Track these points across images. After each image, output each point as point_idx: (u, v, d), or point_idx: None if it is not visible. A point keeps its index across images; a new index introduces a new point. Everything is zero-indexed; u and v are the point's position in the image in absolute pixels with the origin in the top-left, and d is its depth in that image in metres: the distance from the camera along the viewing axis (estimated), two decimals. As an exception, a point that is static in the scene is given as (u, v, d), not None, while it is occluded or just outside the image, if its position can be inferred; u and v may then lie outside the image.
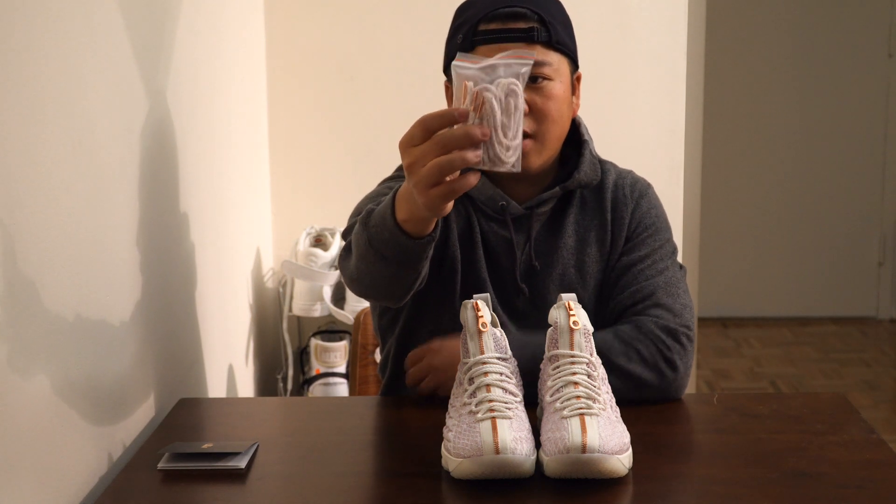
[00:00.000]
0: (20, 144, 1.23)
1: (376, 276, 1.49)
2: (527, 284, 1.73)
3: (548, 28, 1.62)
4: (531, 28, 1.61)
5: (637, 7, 2.96)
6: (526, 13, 1.61)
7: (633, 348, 1.63)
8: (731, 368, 4.66)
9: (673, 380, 1.65)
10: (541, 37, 1.61)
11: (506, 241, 1.73)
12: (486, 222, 1.73)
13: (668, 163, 3.00)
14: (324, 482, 1.41)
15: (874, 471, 1.39)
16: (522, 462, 1.32)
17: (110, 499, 1.37)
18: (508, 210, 1.71)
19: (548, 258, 1.73)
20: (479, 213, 1.73)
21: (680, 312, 1.68)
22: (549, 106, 1.63)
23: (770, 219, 5.36)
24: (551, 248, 1.74)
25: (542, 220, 1.74)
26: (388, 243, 1.42)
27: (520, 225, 1.73)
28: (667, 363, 1.64)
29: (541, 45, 1.62)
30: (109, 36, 1.56)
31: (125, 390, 1.60)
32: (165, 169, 1.83)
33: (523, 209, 1.71)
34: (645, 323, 1.65)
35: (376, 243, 1.43)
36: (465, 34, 1.63)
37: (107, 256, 1.52)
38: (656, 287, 1.69)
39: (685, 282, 1.74)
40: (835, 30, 5.21)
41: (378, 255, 1.44)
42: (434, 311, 1.73)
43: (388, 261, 1.44)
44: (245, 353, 2.65)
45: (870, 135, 5.29)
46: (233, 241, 2.50)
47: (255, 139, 2.89)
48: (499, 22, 1.62)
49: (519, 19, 1.61)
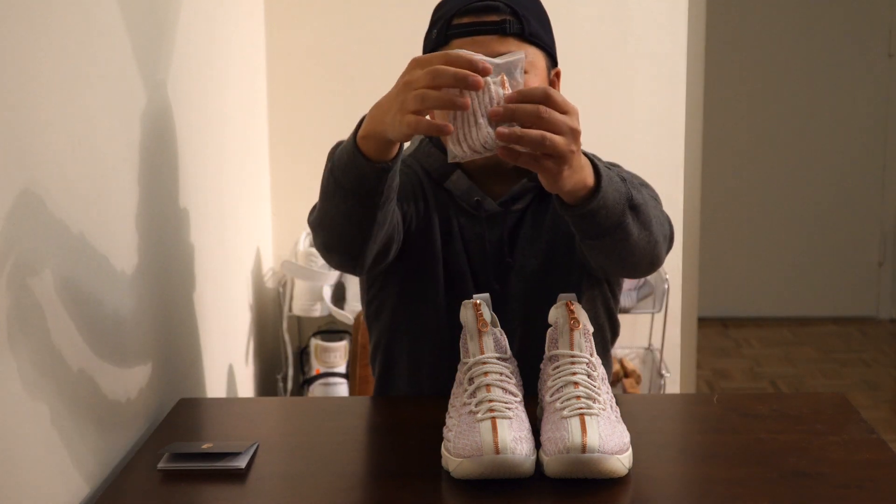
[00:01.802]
0: (20, 144, 1.23)
1: (335, 215, 1.48)
2: (499, 281, 1.72)
3: (521, 21, 1.61)
4: (503, 20, 1.61)
5: (637, 7, 2.96)
6: (499, 6, 1.62)
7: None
8: (731, 368, 4.66)
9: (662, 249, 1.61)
10: (513, 29, 1.61)
11: (479, 236, 1.73)
12: (463, 218, 1.73)
13: (668, 163, 3.00)
14: (324, 482, 1.41)
15: (874, 471, 1.39)
16: (522, 462, 1.32)
17: (110, 499, 1.37)
18: (483, 206, 1.71)
19: (524, 255, 1.73)
20: (456, 208, 1.73)
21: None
22: None
23: (770, 219, 5.36)
24: (528, 244, 1.73)
25: (518, 217, 1.73)
26: (346, 168, 1.42)
27: (495, 221, 1.73)
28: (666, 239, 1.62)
29: (514, 38, 1.61)
30: (109, 35, 1.56)
31: (125, 390, 1.60)
32: (165, 169, 1.83)
33: (498, 205, 1.72)
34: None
35: (337, 171, 1.44)
36: (440, 29, 1.64)
37: (106, 256, 1.52)
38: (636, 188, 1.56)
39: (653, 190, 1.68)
40: (835, 30, 5.22)
41: (337, 184, 1.44)
42: (417, 302, 1.73)
43: (346, 191, 1.44)
44: (245, 353, 2.65)
45: (870, 135, 5.29)
46: (233, 241, 2.50)
47: (255, 139, 2.89)
48: (472, 15, 1.62)
49: (492, 12, 1.62)
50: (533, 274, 1.72)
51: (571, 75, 2.96)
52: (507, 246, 1.73)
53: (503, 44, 1.60)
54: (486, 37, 1.61)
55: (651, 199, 1.60)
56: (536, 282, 1.72)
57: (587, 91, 2.97)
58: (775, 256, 5.36)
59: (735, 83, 5.22)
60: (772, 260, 5.38)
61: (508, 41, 1.61)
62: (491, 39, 1.61)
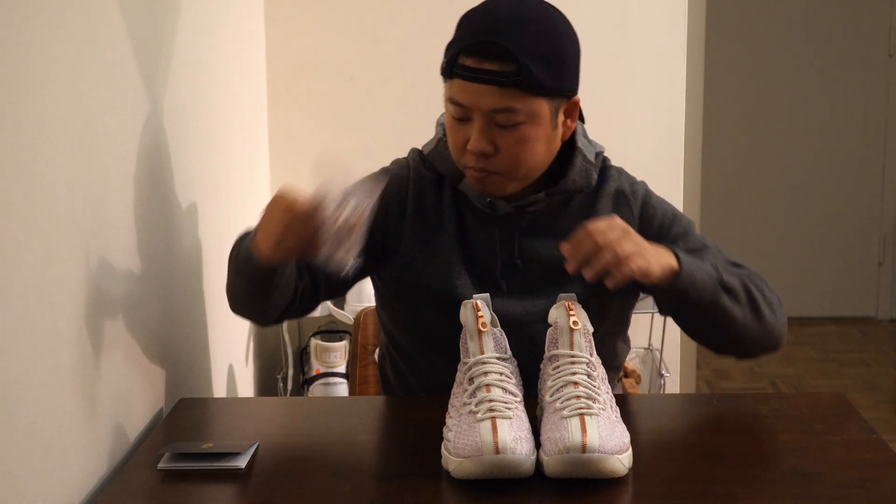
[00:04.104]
0: (21, 145, 1.23)
1: (237, 290, 1.70)
2: (506, 281, 1.72)
3: (522, 73, 1.56)
4: (503, 72, 1.56)
5: (637, 7, 2.96)
6: (503, 53, 1.56)
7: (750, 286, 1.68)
8: (731, 368, 4.66)
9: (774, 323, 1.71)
10: (512, 82, 1.57)
11: (489, 236, 1.72)
12: (476, 218, 1.73)
13: (668, 163, 3.00)
14: (324, 482, 1.41)
15: (874, 471, 1.39)
16: (522, 462, 1.32)
17: (110, 499, 1.37)
18: (496, 207, 1.71)
19: (533, 258, 1.72)
20: (470, 209, 1.73)
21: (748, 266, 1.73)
22: (518, 149, 1.62)
23: (770, 219, 5.36)
24: (539, 248, 1.72)
25: (531, 220, 1.73)
26: (244, 260, 1.62)
27: (507, 222, 1.72)
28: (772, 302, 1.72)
29: (514, 89, 1.58)
30: (109, 35, 1.56)
31: (125, 390, 1.60)
32: (166, 169, 1.83)
33: (512, 207, 1.71)
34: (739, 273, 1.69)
35: (239, 260, 1.65)
36: (449, 61, 1.62)
37: (107, 256, 1.52)
38: (715, 258, 1.71)
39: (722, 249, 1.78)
40: (835, 30, 5.22)
41: (238, 270, 1.66)
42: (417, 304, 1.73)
43: (243, 276, 1.65)
44: (245, 353, 2.65)
45: (870, 135, 5.29)
46: (233, 240, 2.50)
47: (255, 139, 2.89)
48: (476, 58, 1.58)
49: (495, 59, 1.57)
50: (539, 276, 1.71)
51: (571, 75, 2.97)
52: (518, 246, 1.72)
53: (500, 99, 1.58)
54: (484, 86, 1.58)
55: (761, 282, 1.70)
56: (542, 284, 1.71)
57: (587, 91, 2.95)
58: (775, 256, 5.36)
59: (735, 83, 5.22)
60: (771, 260, 5.37)
61: (506, 93, 1.58)
62: (489, 90, 1.58)
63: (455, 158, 1.68)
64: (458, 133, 1.64)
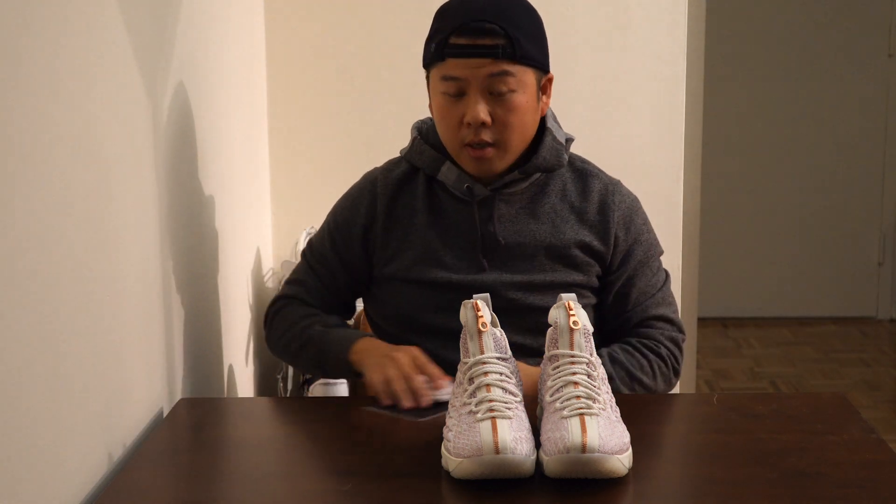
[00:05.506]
0: (21, 144, 1.23)
1: (299, 364, 1.92)
2: (488, 259, 1.81)
3: (513, 44, 1.71)
4: (496, 45, 1.70)
5: (637, 7, 2.96)
6: (494, 28, 1.70)
7: (650, 365, 1.81)
8: (731, 368, 4.66)
9: (675, 382, 1.87)
10: (506, 54, 1.71)
11: (468, 219, 1.82)
12: (456, 203, 1.83)
13: (668, 163, 2.99)
14: (323, 482, 1.41)
15: (874, 471, 1.39)
16: (522, 462, 1.32)
17: (110, 499, 1.37)
18: (474, 192, 1.81)
19: (515, 238, 1.81)
20: (449, 197, 1.84)
21: (677, 320, 1.87)
22: (511, 117, 1.74)
23: (770, 219, 5.36)
24: (520, 229, 1.82)
25: (509, 201, 1.82)
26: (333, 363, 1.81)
27: (485, 203, 1.82)
28: (675, 373, 1.85)
29: (506, 60, 1.72)
30: (109, 35, 1.56)
31: (125, 390, 1.60)
32: (165, 169, 1.83)
33: (489, 190, 1.80)
34: (654, 336, 1.83)
35: (325, 361, 1.82)
36: (438, 44, 1.73)
37: (106, 256, 1.52)
38: (658, 303, 1.85)
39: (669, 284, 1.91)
40: (835, 30, 5.21)
41: (317, 365, 1.85)
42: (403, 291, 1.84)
43: (316, 368, 1.87)
44: (245, 353, 2.65)
45: (870, 135, 5.29)
46: (233, 241, 2.50)
47: (255, 139, 2.89)
48: (468, 37, 1.71)
49: (486, 35, 1.70)
50: (519, 251, 1.81)
51: (571, 75, 2.97)
52: (497, 224, 1.81)
53: (496, 65, 1.71)
54: (480, 59, 1.71)
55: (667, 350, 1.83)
56: (522, 260, 1.81)
57: (587, 91, 2.97)
58: (775, 256, 5.36)
59: (735, 83, 5.22)
60: (772, 260, 5.38)
61: (501, 63, 1.71)
62: (484, 62, 1.71)
63: (449, 139, 1.78)
64: (453, 111, 1.74)
